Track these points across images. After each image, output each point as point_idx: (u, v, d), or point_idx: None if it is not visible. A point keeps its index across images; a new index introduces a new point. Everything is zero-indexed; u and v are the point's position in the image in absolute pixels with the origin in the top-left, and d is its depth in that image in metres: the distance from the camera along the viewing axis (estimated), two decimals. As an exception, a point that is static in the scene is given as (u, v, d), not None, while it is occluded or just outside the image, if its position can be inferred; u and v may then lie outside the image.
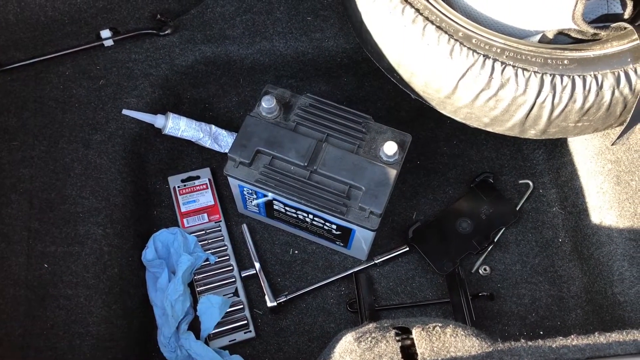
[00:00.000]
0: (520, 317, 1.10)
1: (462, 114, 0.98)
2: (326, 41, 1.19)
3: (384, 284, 1.13)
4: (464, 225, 1.15)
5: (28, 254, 0.99)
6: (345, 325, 1.09)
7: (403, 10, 0.94)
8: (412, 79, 0.99)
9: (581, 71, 0.92)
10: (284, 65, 1.22)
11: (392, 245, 1.15)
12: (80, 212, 1.03)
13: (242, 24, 1.20)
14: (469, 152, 1.24)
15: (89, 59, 1.16)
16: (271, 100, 0.99)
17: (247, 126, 0.99)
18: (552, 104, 0.92)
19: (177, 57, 1.17)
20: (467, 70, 0.91)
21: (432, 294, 1.12)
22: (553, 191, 1.19)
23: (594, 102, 0.92)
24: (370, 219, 0.95)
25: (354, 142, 0.99)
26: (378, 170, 0.96)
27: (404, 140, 1.00)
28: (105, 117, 1.12)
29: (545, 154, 1.22)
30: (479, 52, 0.91)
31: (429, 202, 1.19)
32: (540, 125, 0.96)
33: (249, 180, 0.97)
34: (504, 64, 0.91)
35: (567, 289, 1.12)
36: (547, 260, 1.14)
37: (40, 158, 1.07)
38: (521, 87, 0.91)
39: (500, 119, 0.96)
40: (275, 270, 1.13)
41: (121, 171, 1.10)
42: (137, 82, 1.15)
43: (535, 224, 1.17)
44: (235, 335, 1.07)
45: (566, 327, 1.09)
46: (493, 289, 1.12)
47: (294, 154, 0.97)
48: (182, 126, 1.14)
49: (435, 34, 0.92)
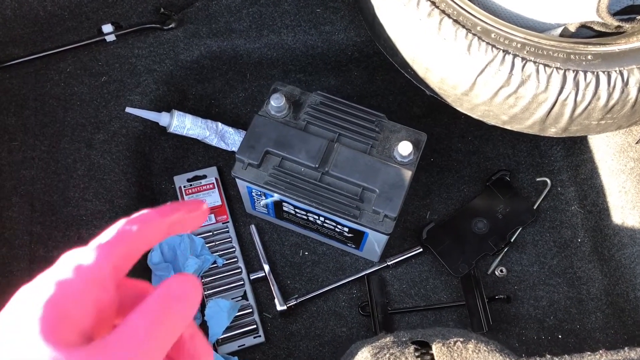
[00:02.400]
0: (538, 320, 1.07)
1: (480, 111, 0.94)
2: (336, 34, 1.15)
3: (396, 286, 1.09)
4: (480, 225, 1.11)
5: (30, 259, 0.96)
6: (357, 329, 1.06)
7: (418, 3, 0.89)
8: (427, 75, 0.94)
9: (606, 67, 0.87)
10: (292, 59, 1.17)
11: (405, 246, 1.11)
12: (84, 215, 1.00)
13: (248, 17, 1.15)
14: (484, 148, 1.20)
15: (91, 55, 1.12)
16: (280, 99, 0.95)
17: (255, 126, 0.95)
18: (574, 101, 0.88)
19: (182, 52, 1.13)
20: (485, 66, 0.87)
21: (447, 296, 1.09)
22: (572, 189, 1.15)
23: (618, 99, 0.88)
24: (385, 223, 0.91)
25: (366, 142, 0.95)
26: (392, 171, 0.92)
27: (419, 139, 0.96)
28: (108, 115, 1.08)
29: (563, 151, 1.18)
30: (498, 47, 0.87)
31: (443, 201, 1.16)
32: (561, 123, 0.92)
33: (258, 182, 0.94)
34: (525, 60, 0.86)
35: (586, 291, 1.08)
36: (566, 261, 1.11)
37: (42, 159, 1.04)
38: (542, 84, 0.86)
39: (520, 117, 0.92)
40: (285, 273, 1.10)
41: (125, 171, 1.06)
42: (141, 79, 1.11)
43: (553, 223, 1.14)
44: (244, 340, 1.04)
45: (586, 330, 1.05)
46: (509, 291, 1.09)
47: (304, 155, 0.93)
48: (188, 124, 1.11)
49: (452, 28, 0.87)
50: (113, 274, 0.30)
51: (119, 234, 0.31)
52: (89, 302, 0.28)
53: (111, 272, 0.29)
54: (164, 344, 0.29)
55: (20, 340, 0.27)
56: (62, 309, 0.27)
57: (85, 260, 0.29)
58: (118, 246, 0.30)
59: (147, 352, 0.27)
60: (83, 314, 0.28)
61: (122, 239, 0.31)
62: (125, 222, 0.31)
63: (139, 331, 0.28)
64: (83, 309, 0.28)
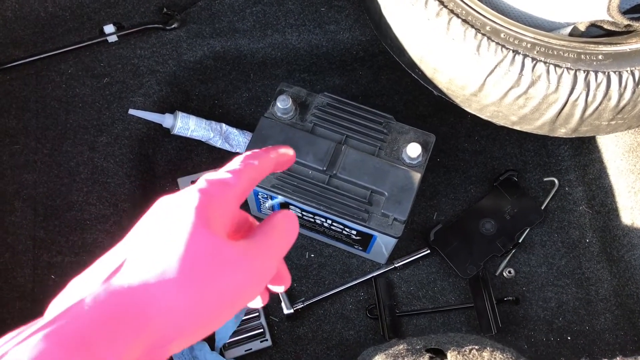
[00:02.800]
0: (546, 322, 1.06)
1: (489, 112, 0.93)
2: (341, 33, 1.13)
3: (404, 289, 1.08)
4: (488, 226, 1.10)
5: (34, 264, 0.94)
6: (365, 332, 1.05)
7: (426, 2, 0.88)
8: (435, 76, 0.93)
9: (617, 67, 0.86)
10: (297, 59, 1.16)
11: (412, 248, 1.10)
12: (87, 219, 0.98)
13: (252, 16, 1.14)
14: (491, 148, 1.19)
15: (92, 56, 1.10)
16: (287, 100, 0.93)
17: (261, 128, 0.94)
18: (585, 102, 0.86)
19: (185, 53, 1.12)
20: (495, 66, 0.86)
21: (455, 298, 1.08)
22: (580, 189, 1.14)
23: (630, 100, 0.87)
24: (394, 226, 0.90)
25: (374, 144, 0.94)
26: (401, 174, 0.91)
27: (427, 141, 0.95)
28: (111, 117, 1.07)
29: (571, 150, 1.17)
30: (508, 47, 0.86)
31: (450, 202, 1.14)
32: (571, 124, 0.91)
33: (265, 186, 0.92)
34: (535, 60, 0.85)
35: (595, 292, 1.07)
36: (574, 261, 1.10)
37: (44, 162, 1.02)
38: (553, 85, 0.85)
39: (530, 118, 0.91)
40: (292, 275, 1.08)
41: (129, 174, 1.05)
42: (143, 80, 1.10)
43: (561, 223, 1.13)
44: (251, 344, 1.02)
45: (595, 331, 1.05)
46: (518, 292, 1.08)
47: (311, 158, 0.92)
48: (192, 126, 1.09)
49: (461, 28, 0.86)
50: (241, 195, 0.36)
51: (244, 164, 0.37)
52: (229, 211, 0.35)
53: (241, 193, 0.36)
54: (281, 256, 0.37)
55: (179, 226, 0.32)
56: (210, 210, 0.33)
57: (224, 178, 0.35)
58: (245, 173, 0.37)
59: (276, 257, 0.36)
60: (225, 220, 0.34)
61: (248, 169, 0.37)
62: (246, 156, 0.38)
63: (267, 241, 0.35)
64: (226, 216, 0.34)
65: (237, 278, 0.32)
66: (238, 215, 0.39)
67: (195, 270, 0.31)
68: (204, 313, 0.31)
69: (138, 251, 0.32)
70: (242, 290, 0.33)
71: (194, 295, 0.31)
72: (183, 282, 0.30)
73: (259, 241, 0.35)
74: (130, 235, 0.34)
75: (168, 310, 0.30)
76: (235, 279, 0.32)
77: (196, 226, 0.32)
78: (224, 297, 0.32)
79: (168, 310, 0.30)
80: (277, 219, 0.37)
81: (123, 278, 0.30)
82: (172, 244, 0.31)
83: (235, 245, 0.33)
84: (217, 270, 0.32)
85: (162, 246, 0.31)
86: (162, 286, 0.30)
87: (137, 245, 0.32)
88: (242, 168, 0.37)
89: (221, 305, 0.32)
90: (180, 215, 0.33)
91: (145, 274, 0.30)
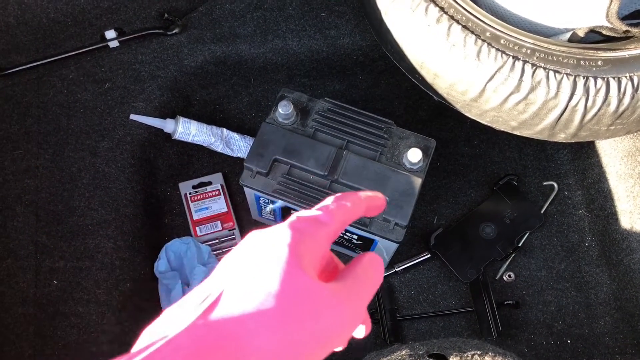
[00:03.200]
0: (546, 325, 1.06)
1: (489, 117, 0.94)
2: (341, 38, 1.14)
3: (405, 293, 1.09)
4: (488, 230, 1.11)
5: (36, 270, 0.95)
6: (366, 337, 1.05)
7: (427, 8, 0.88)
8: (435, 81, 0.94)
9: (616, 73, 0.87)
10: (297, 64, 1.16)
11: (412, 252, 1.10)
12: (89, 224, 0.99)
13: (253, 22, 1.14)
14: (490, 152, 1.19)
15: (94, 61, 1.11)
16: (288, 106, 0.94)
17: (263, 134, 0.94)
18: (584, 107, 0.87)
19: (186, 58, 1.12)
20: (495, 72, 0.86)
21: (455, 302, 1.08)
22: (579, 193, 1.15)
23: (629, 105, 0.88)
24: (395, 231, 0.90)
25: (375, 149, 0.94)
26: (402, 179, 0.92)
27: (428, 146, 0.95)
28: (113, 122, 1.07)
29: (570, 155, 1.17)
30: (508, 53, 0.86)
31: (450, 206, 1.15)
32: (571, 129, 0.91)
33: (267, 191, 0.93)
34: (535, 66, 0.86)
35: (594, 296, 1.08)
36: (574, 265, 1.10)
37: (46, 167, 1.03)
38: (553, 90, 0.86)
39: (530, 123, 0.92)
40: (292, 280, 1.09)
41: (130, 179, 1.05)
42: (145, 85, 1.10)
43: (560, 227, 1.13)
44: (252, 348, 1.03)
45: (595, 335, 1.05)
46: (518, 296, 1.08)
47: (313, 163, 0.92)
48: (193, 130, 1.10)
49: (462, 34, 0.87)
50: (333, 235, 0.36)
51: (338, 205, 0.37)
52: (320, 251, 0.34)
53: (333, 233, 0.36)
54: (369, 301, 0.36)
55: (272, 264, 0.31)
56: (302, 249, 0.33)
57: (319, 217, 0.35)
58: (339, 213, 0.36)
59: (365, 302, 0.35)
60: (316, 260, 0.34)
61: (340, 209, 0.37)
62: (338, 196, 0.38)
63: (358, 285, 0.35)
64: (316, 256, 0.34)
65: (329, 322, 0.32)
66: (327, 256, 0.38)
67: (290, 310, 0.31)
68: (295, 354, 0.30)
69: (234, 285, 0.31)
70: (333, 334, 0.32)
71: (288, 335, 0.30)
72: (278, 321, 0.30)
73: (350, 284, 0.34)
74: (223, 266, 0.33)
75: (262, 348, 0.30)
76: (327, 322, 0.32)
77: (289, 264, 0.32)
78: (314, 339, 0.31)
79: (262, 348, 0.30)
80: (365, 263, 0.37)
81: (220, 312, 0.30)
82: (268, 281, 0.31)
83: (327, 287, 0.32)
84: (310, 311, 0.31)
85: (258, 282, 0.31)
86: (259, 323, 0.30)
87: (233, 279, 0.32)
88: (336, 208, 0.37)
89: (311, 347, 0.31)
90: (274, 251, 0.32)
91: (243, 309, 0.30)
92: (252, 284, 0.31)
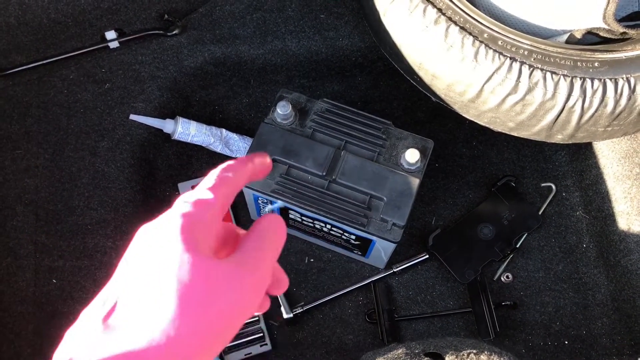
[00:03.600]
0: (544, 326, 1.06)
1: (487, 118, 0.94)
2: (340, 40, 1.15)
3: (403, 293, 1.09)
4: (486, 231, 1.11)
5: (35, 269, 0.95)
6: (364, 336, 1.06)
7: (424, 10, 0.89)
8: (433, 82, 0.94)
9: (613, 74, 0.87)
10: (296, 65, 1.17)
11: (410, 253, 1.11)
12: (89, 223, 0.99)
13: (252, 23, 1.15)
14: (489, 153, 1.20)
15: (94, 62, 1.11)
16: (287, 106, 0.94)
17: (261, 134, 0.95)
18: (581, 108, 0.88)
19: (186, 58, 1.13)
20: (493, 73, 0.87)
21: (453, 303, 1.08)
22: (576, 194, 1.15)
23: (625, 106, 0.88)
24: (393, 231, 0.91)
25: (373, 150, 0.95)
26: (400, 179, 0.92)
27: (425, 146, 0.96)
28: (112, 122, 1.08)
29: (568, 156, 1.18)
30: (505, 54, 0.87)
31: (448, 207, 1.15)
32: (568, 130, 0.92)
33: (265, 191, 0.93)
34: (532, 67, 0.86)
35: (592, 297, 1.08)
36: (571, 266, 1.11)
37: (45, 167, 1.03)
38: (550, 92, 0.86)
39: (527, 124, 0.92)
40: (291, 280, 1.09)
41: (130, 179, 1.05)
42: (145, 85, 1.11)
43: (558, 228, 1.14)
44: (251, 348, 1.03)
45: (592, 336, 1.05)
46: (516, 297, 1.09)
47: (311, 163, 0.93)
48: (193, 131, 1.10)
49: (459, 36, 0.87)
50: (221, 210, 0.36)
51: (220, 179, 0.37)
52: (213, 229, 0.34)
53: (221, 208, 0.36)
54: (273, 262, 0.36)
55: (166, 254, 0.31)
56: (195, 233, 0.32)
57: (203, 197, 0.35)
58: (222, 188, 0.36)
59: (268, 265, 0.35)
60: (211, 239, 0.34)
61: (223, 183, 0.37)
62: (221, 169, 0.38)
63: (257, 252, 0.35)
64: (211, 235, 0.34)
65: (234, 296, 0.32)
66: (222, 230, 0.38)
67: (192, 299, 0.31)
68: (208, 337, 0.31)
69: (129, 292, 0.31)
70: (241, 307, 0.33)
71: (195, 323, 0.30)
72: (182, 314, 0.30)
73: (248, 253, 0.35)
74: (118, 271, 0.33)
75: (173, 344, 0.30)
76: (232, 297, 0.32)
77: (184, 251, 0.31)
78: (224, 317, 0.32)
79: (173, 344, 0.30)
80: (262, 226, 0.37)
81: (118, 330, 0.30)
82: (163, 277, 0.31)
83: (225, 263, 0.33)
84: (212, 293, 0.31)
85: (154, 283, 0.31)
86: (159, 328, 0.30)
87: (127, 285, 0.32)
88: (218, 182, 0.37)
89: (223, 325, 0.32)
90: (166, 242, 0.32)
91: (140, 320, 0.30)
92: (148, 286, 0.31)
